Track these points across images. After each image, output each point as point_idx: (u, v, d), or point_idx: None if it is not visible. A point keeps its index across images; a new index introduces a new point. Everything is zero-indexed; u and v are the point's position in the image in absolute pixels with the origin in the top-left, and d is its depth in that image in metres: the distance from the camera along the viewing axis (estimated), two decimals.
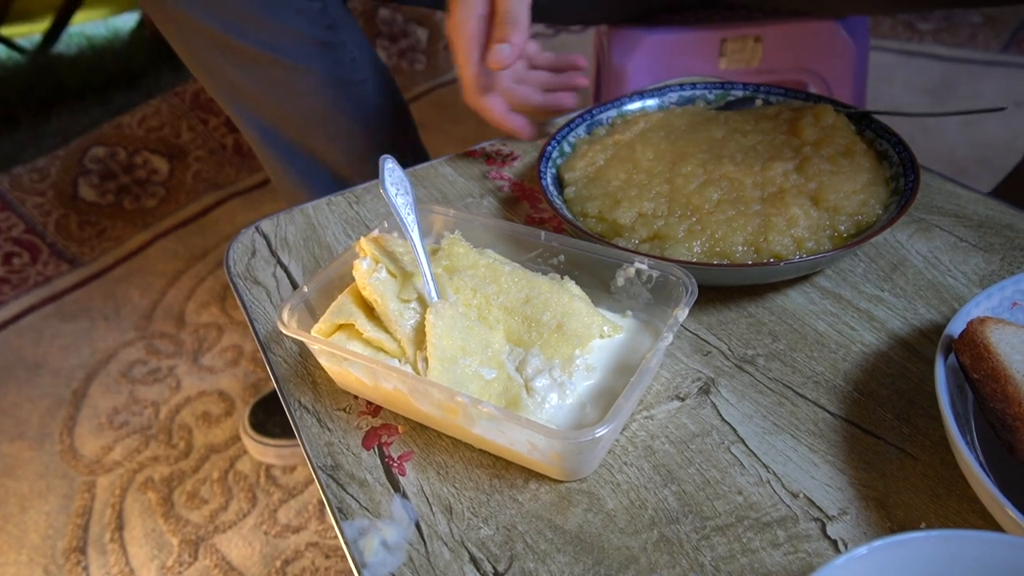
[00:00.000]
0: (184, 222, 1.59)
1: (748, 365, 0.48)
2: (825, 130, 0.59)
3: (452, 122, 1.87)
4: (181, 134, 1.78)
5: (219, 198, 1.66)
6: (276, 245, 0.64)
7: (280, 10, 0.75)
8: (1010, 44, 1.74)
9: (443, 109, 1.93)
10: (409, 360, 0.46)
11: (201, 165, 1.73)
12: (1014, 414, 0.35)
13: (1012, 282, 0.43)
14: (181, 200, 1.65)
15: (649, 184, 0.56)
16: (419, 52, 2.15)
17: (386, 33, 2.15)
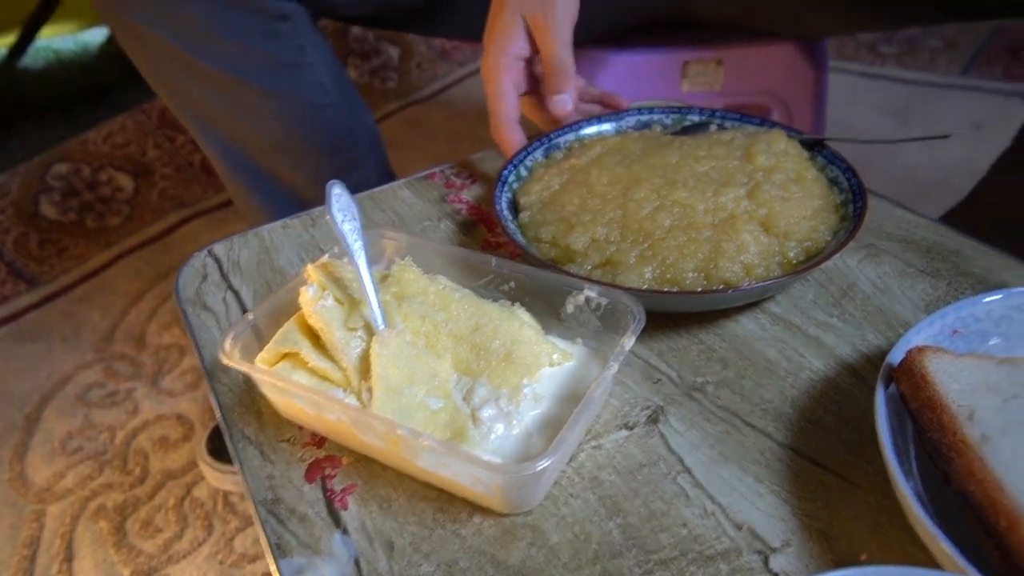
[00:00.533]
0: (148, 241, 1.57)
1: (697, 393, 0.48)
2: (778, 156, 0.59)
3: (424, 139, 1.87)
4: (147, 151, 1.76)
5: (185, 216, 1.64)
6: (228, 269, 0.63)
7: (248, 33, 0.74)
8: (969, 68, 1.79)
9: (415, 127, 1.93)
10: (354, 390, 0.45)
11: (167, 183, 1.71)
12: (949, 444, 0.35)
13: (953, 309, 0.44)
14: (146, 218, 1.63)
15: (603, 209, 0.56)
16: (391, 70, 2.16)
17: (358, 51, 2.15)
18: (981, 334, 0.44)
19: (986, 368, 0.39)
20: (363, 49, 2.15)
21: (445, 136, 1.86)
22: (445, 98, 2.04)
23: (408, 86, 2.11)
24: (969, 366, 0.39)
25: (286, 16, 0.75)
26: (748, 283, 0.50)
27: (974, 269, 0.55)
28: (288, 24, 0.75)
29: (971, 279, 0.54)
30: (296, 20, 0.76)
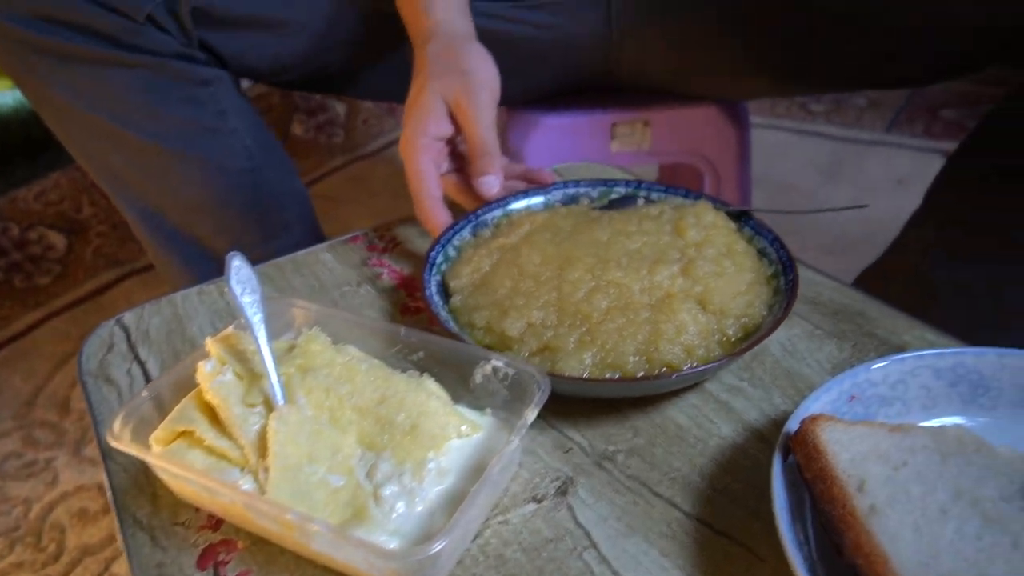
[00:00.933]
0: (79, 300, 1.52)
1: (607, 462, 0.48)
2: (707, 229, 0.59)
3: (368, 195, 1.87)
4: (82, 209, 1.72)
5: (119, 275, 1.60)
6: (136, 339, 0.61)
7: (166, 99, 0.74)
8: (892, 126, 1.87)
9: (360, 182, 1.93)
10: (252, 469, 0.44)
11: (102, 241, 1.67)
12: (838, 516, 0.35)
13: (849, 375, 0.44)
14: (79, 277, 1.58)
15: (537, 292, 0.55)
16: (337, 126, 2.16)
17: (303, 108, 2.15)
18: (879, 399, 0.45)
19: (877, 436, 0.39)
20: (309, 106, 2.16)
21: (389, 192, 1.86)
22: (390, 154, 2.05)
23: (354, 142, 2.12)
24: (861, 435, 0.39)
25: (207, 81, 0.74)
26: (690, 365, 0.50)
27: (878, 331, 0.56)
28: (209, 89, 0.75)
29: (875, 340, 0.55)
30: (217, 85, 0.75)
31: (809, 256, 1.58)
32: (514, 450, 0.43)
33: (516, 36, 0.85)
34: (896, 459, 0.38)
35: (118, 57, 0.69)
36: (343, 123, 2.18)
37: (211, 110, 0.76)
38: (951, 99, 1.91)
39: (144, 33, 0.68)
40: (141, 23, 0.67)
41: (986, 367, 0.44)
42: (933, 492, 0.37)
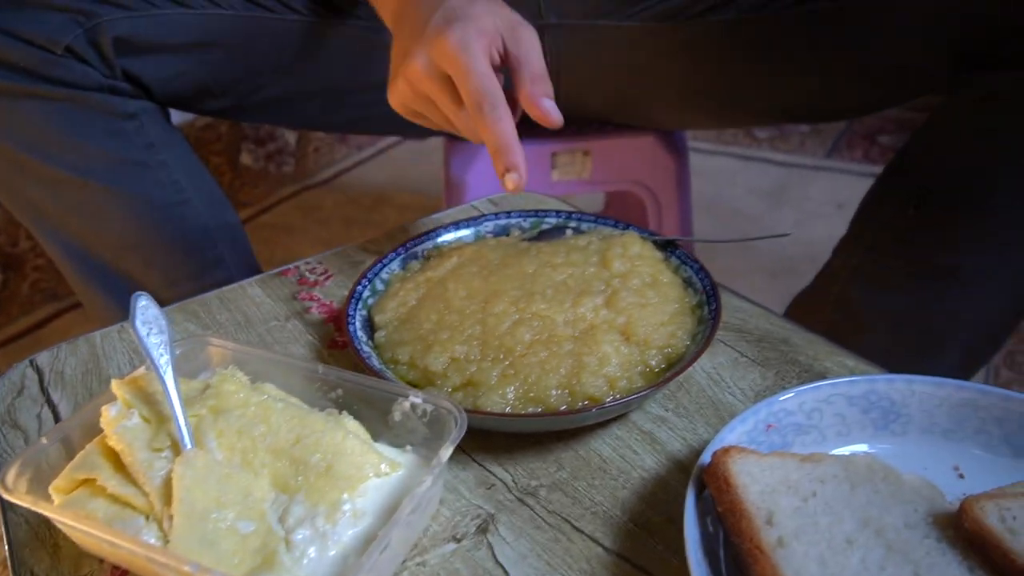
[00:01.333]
0: (14, 336, 1.47)
1: (530, 498, 0.47)
2: (633, 260, 0.59)
3: (318, 224, 1.85)
4: (19, 243, 1.67)
5: (58, 309, 1.55)
6: (49, 381, 0.59)
7: (90, 132, 0.72)
8: (832, 151, 1.93)
9: (309, 211, 1.92)
10: (157, 517, 0.42)
11: (40, 275, 1.62)
12: (747, 550, 0.35)
13: (764, 405, 0.45)
14: (13, 313, 1.53)
15: (461, 325, 0.54)
16: (288, 155, 2.15)
17: (252, 137, 2.13)
18: (795, 427, 0.45)
19: (788, 467, 0.40)
20: (258, 135, 2.14)
21: (339, 221, 1.85)
22: (341, 183, 2.04)
23: (304, 170, 2.10)
24: (772, 466, 0.39)
25: (133, 115, 0.73)
26: (612, 397, 0.49)
27: (800, 357, 0.57)
28: (135, 122, 0.73)
29: (797, 367, 0.56)
30: (144, 118, 0.74)
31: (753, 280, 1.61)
32: (428, 490, 0.42)
33: None
34: (806, 489, 0.39)
35: (37, 90, 0.68)
36: (294, 152, 2.16)
37: (138, 143, 0.75)
38: (887, 126, 1.97)
39: (64, 65, 0.67)
40: (60, 55, 0.66)
41: (896, 394, 0.45)
42: (840, 522, 0.37)
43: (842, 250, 0.85)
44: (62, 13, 0.66)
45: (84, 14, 0.66)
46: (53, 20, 0.65)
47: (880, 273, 0.79)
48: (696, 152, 1.99)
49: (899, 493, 0.38)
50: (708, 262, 0.61)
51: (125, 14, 0.68)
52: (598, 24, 0.83)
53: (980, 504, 0.35)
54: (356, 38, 0.81)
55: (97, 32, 0.67)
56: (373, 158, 2.17)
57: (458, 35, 0.53)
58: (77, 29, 0.66)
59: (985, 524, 0.35)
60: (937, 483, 0.41)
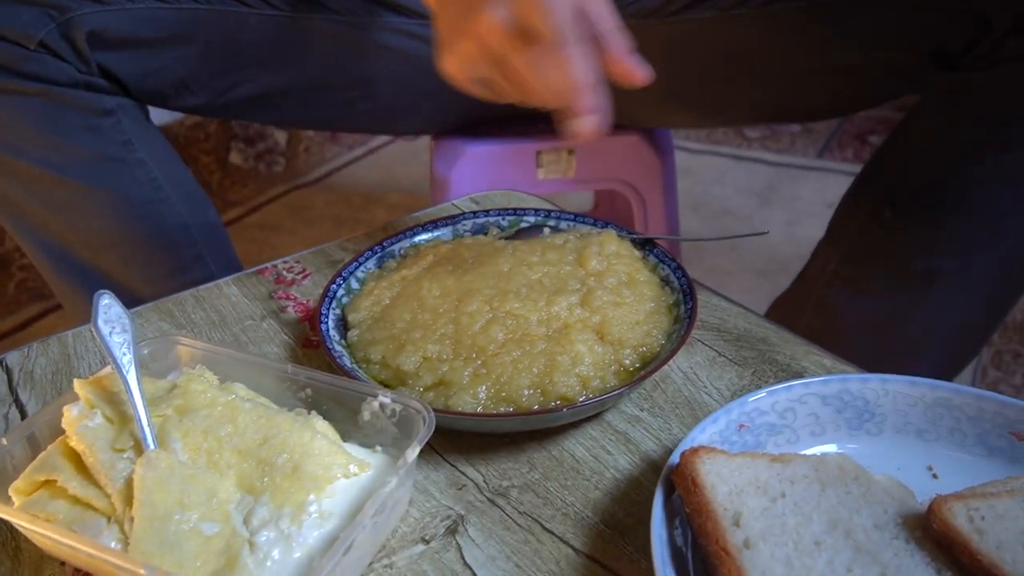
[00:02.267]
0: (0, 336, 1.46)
1: (501, 499, 0.46)
2: (609, 259, 0.59)
3: (306, 224, 1.84)
4: (4, 242, 1.66)
5: (44, 309, 1.54)
6: (18, 380, 0.58)
7: (66, 128, 0.71)
8: (824, 151, 1.92)
9: (298, 211, 1.91)
10: (118, 519, 0.41)
11: (26, 274, 1.61)
12: (713, 552, 0.35)
13: (737, 404, 0.44)
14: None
15: (434, 324, 0.53)
16: (277, 154, 2.14)
17: (242, 136, 2.12)
18: (768, 427, 0.45)
19: (757, 467, 0.39)
20: (248, 134, 2.13)
21: (328, 221, 1.84)
22: (331, 182, 2.04)
23: (295, 170, 2.09)
24: (740, 466, 0.39)
25: (109, 111, 0.72)
26: (585, 397, 0.49)
27: (778, 357, 0.56)
28: (112, 119, 0.73)
29: (775, 367, 0.55)
30: (121, 114, 0.73)
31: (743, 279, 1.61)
32: (393, 491, 0.41)
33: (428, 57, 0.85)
34: (775, 490, 0.38)
35: (11, 86, 0.67)
36: (284, 151, 2.15)
37: (115, 140, 0.74)
38: (877, 126, 1.97)
39: (38, 60, 0.66)
40: (34, 50, 0.65)
41: (870, 393, 0.45)
42: (809, 523, 0.36)
43: (820, 254, 0.84)
44: (34, 7, 0.65)
45: (57, 8, 0.65)
46: (26, 14, 0.65)
47: (857, 278, 0.78)
48: (685, 151, 1.98)
49: (869, 494, 0.38)
50: (696, 261, 0.60)
51: (99, 8, 0.67)
52: None
53: (948, 504, 0.35)
54: (335, 33, 0.80)
55: (71, 26, 0.66)
56: (364, 158, 2.16)
57: None
58: (50, 23, 0.65)
59: (953, 525, 0.34)
60: (911, 483, 0.40)
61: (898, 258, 0.75)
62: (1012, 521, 0.35)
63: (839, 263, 0.80)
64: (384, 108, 0.91)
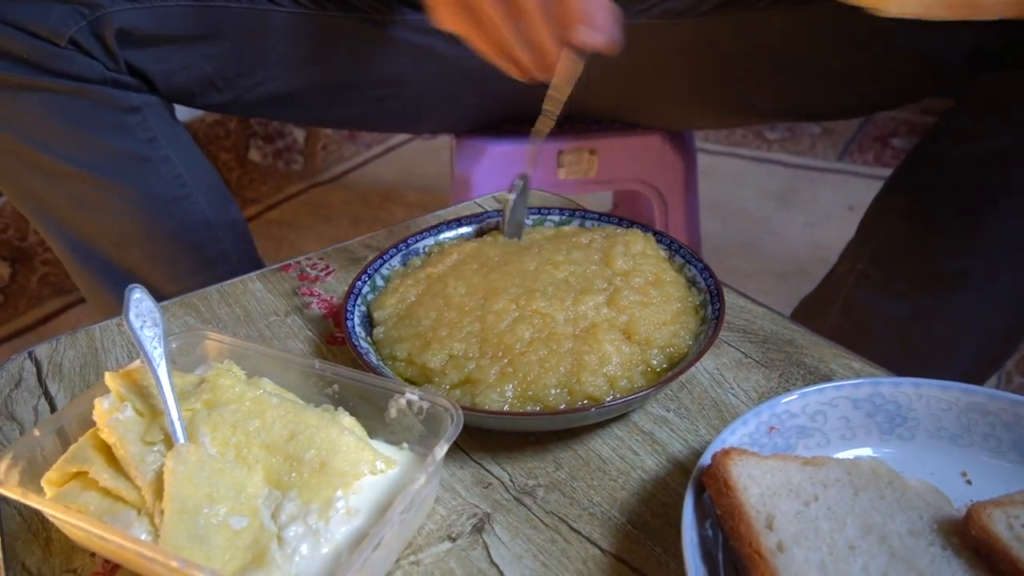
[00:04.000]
0: (21, 331, 1.48)
1: (527, 497, 0.46)
2: (635, 258, 0.58)
3: (324, 222, 1.85)
4: (28, 236, 1.67)
5: (66, 303, 1.56)
6: (47, 373, 0.58)
7: (93, 125, 0.71)
8: (844, 154, 1.91)
9: (317, 208, 1.92)
10: (148, 512, 0.41)
11: (49, 268, 1.62)
12: (746, 554, 0.34)
13: (768, 406, 0.44)
14: (20, 307, 1.54)
15: (460, 322, 0.53)
16: (296, 152, 2.15)
17: (261, 134, 2.13)
18: (798, 430, 0.44)
19: (789, 470, 0.39)
20: (267, 132, 2.14)
21: (346, 219, 1.85)
22: (349, 180, 2.04)
23: (313, 168, 2.10)
24: (773, 468, 0.39)
25: (136, 108, 0.73)
26: (612, 397, 0.48)
27: (806, 359, 0.56)
28: (138, 116, 0.73)
29: (803, 369, 0.55)
30: (147, 111, 0.74)
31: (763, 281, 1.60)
32: (421, 488, 0.41)
33: (453, 56, 0.85)
34: (808, 493, 0.38)
35: (40, 82, 0.67)
36: (302, 149, 2.16)
37: (141, 137, 0.74)
38: (900, 128, 1.95)
39: (67, 57, 0.67)
40: (64, 47, 0.66)
41: (902, 397, 0.44)
42: (843, 528, 0.36)
43: (848, 255, 0.84)
44: (65, 4, 0.66)
45: (88, 5, 0.66)
46: (56, 12, 0.65)
47: (885, 279, 0.77)
48: (705, 153, 1.97)
49: (904, 499, 0.38)
50: (716, 264, 0.60)
51: (128, 6, 0.68)
52: None
53: (987, 511, 0.34)
54: (360, 32, 0.80)
55: (101, 24, 0.66)
56: (382, 156, 2.17)
57: None
58: (81, 21, 0.66)
59: (992, 531, 0.34)
60: (944, 489, 0.40)
61: (927, 259, 0.74)
62: None
63: (868, 263, 0.79)
64: (409, 107, 0.91)
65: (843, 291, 0.81)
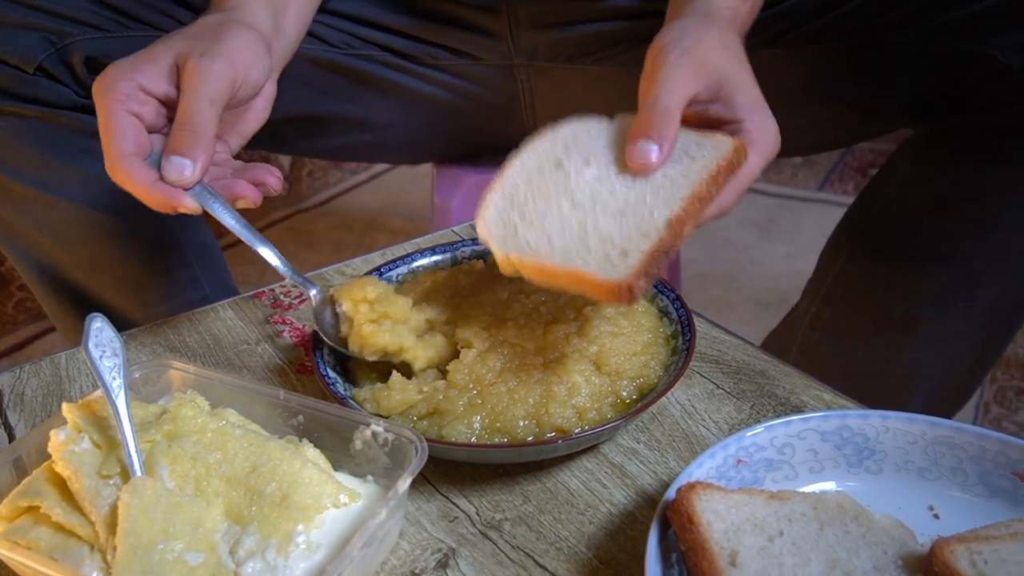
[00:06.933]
0: None
1: (493, 531, 0.46)
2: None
3: (306, 248, 1.84)
4: (4, 261, 1.66)
5: (42, 329, 1.54)
6: (8, 402, 0.57)
7: (61, 150, 0.70)
8: (824, 184, 1.93)
9: (300, 235, 1.91)
10: (101, 548, 0.40)
11: (25, 294, 1.61)
12: None
13: (735, 439, 0.43)
14: None
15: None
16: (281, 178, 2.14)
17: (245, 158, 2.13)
18: (767, 463, 0.44)
19: (755, 504, 0.38)
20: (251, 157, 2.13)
21: (330, 245, 1.84)
22: (333, 207, 2.04)
23: (297, 194, 2.10)
24: (738, 503, 0.38)
25: None
26: (581, 429, 0.48)
27: (777, 390, 0.55)
28: None
29: (774, 401, 0.55)
30: None
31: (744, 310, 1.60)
32: (383, 522, 0.40)
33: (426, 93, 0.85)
34: (773, 528, 0.37)
35: (9, 108, 0.67)
36: (287, 175, 2.16)
37: None
38: (878, 159, 1.98)
39: (36, 84, 0.66)
40: (32, 74, 0.65)
41: (870, 430, 0.44)
42: (807, 564, 0.35)
43: (807, 294, 0.84)
44: (35, 32, 0.65)
45: (56, 33, 0.66)
46: (25, 39, 0.65)
47: (838, 322, 0.78)
48: None
49: (869, 534, 0.37)
50: (698, 292, 0.60)
51: (97, 34, 0.68)
52: (567, 66, 0.82)
53: (951, 547, 0.34)
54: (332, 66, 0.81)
55: (69, 52, 0.66)
56: (367, 183, 2.17)
57: (109, 72, 0.52)
58: (49, 48, 0.65)
59: (955, 568, 0.33)
60: (912, 523, 0.39)
61: (876, 304, 0.74)
62: (1015, 565, 0.34)
63: (821, 305, 0.79)
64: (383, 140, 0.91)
65: (800, 331, 0.82)
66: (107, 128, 0.50)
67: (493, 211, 0.51)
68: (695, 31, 0.53)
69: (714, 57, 0.52)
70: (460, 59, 0.83)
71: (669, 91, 0.49)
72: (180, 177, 0.50)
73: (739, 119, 0.51)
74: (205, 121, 0.50)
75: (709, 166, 0.48)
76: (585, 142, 0.53)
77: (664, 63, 0.50)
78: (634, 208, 0.48)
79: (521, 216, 0.50)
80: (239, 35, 0.54)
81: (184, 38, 0.54)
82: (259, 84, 0.56)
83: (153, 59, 0.52)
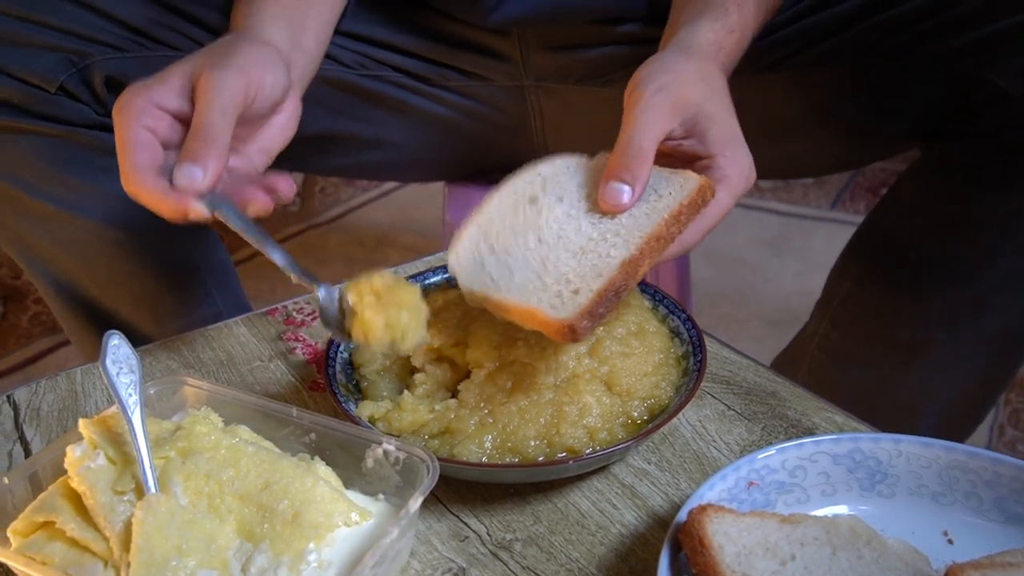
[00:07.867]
0: (8, 370, 1.47)
1: (504, 552, 0.46)
2: (619, 308, 0.58)
3: (318, 264, 1.85)
4: (21, 275, 1.68)
5: (56, 343, 1.55)
6: (25, 417, 0.58)
7: (80, 167, 0.72)
8: (836, 203, 1.93)
9: (311, 251, 1.92)
10: (115, 564, 0.41)
11: (40, 308, 1.62)
12: None
13: (747, 461, 0.43)
14: (10, 346, 1.53)
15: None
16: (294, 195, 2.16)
17: None
18: (778, 485, 0.44)
19: (767, 528, 0.38)
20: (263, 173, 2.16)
21: (341, 262, 1.85)
22: (345, 223, 2.05)
23: (310, 210, 2.12)
24: (750, 526, 0.38)
25: None
26: (592, 449, 0.48)
27: (788, 412, 0.55)
28: None
29: (785, 422, 0.54)
30: None
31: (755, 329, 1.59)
32: (394, 542, 0.40)
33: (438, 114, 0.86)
34: (785, 552, 0.37)
35: (30, 126, 0.68)
36: (299, 191, 2.18)
37: None
38: (890, 178, 1.97)
39: (57, 103, 0.67)
40: (53, 93, 0.67)
41: (883, 453, 0.44)
42: None
43: (815, 315, 0.84)
44: (56, 53, 0.67)
45: (77, 54, 0.67)
46: (47, 59, 0.66)
47: (844, 344, 0.78)
48: None
49: (882, 559, 0.37)
50: (709, 310, 0.60)
51: (116, 55, 0.69)
52: (577, 87, 0.83)
53: (965, 573, 0.34)
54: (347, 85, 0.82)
55: (90, 71, 0.67)
56: (379, 199, 2.18)
57: (128, 90, 0.53)
58: (70, 68, 0.67)
59: None
60: (925, 548, 0.39)
61: (882, 328, 0.74)
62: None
63: (828, 327, 0.79)
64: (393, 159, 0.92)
65: (809, 351, 0.82)
66: (122, 142, 0.52)
67: (467, 242, 0.52)
68: (673, 65, 0.54)
69: (690, 91, 0.52)
70: (471, 80, 0.84)
71: (643, 129, 0.50)
72: (191, 183, 0.50)
73: (711, 154, 0.51)
74: (217, 130, 0.51)
75: (671, 205, 0.49)
76: (562, 180, 0.54)
77: (639, 100, 0.51)
78: (595, 246, 0.49)
79: (491, 250, 0.51)
80: (252, 49, 0.56)
81: (198, 56, 0.55)
82: (275, 96, 0.57)
83: (167, 78, 0.53)
